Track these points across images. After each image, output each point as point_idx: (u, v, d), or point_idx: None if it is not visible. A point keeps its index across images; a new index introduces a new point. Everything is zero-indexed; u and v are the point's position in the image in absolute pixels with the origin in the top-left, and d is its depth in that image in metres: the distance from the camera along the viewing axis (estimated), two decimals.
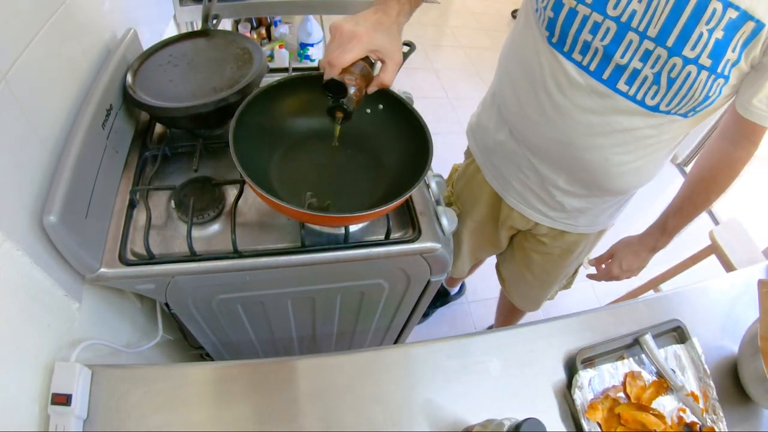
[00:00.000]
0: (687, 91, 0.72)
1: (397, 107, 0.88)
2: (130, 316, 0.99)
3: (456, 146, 2.68)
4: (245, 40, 1.01)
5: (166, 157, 0.95)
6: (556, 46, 0.80)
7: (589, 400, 0.80)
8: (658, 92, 0.75)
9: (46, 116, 0.71)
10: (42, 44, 0.68)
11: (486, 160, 1.11)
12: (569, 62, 0.79)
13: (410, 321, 1.25)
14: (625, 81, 0.76)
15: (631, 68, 0.74)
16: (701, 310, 0.96)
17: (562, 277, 1.28)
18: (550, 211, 1.05)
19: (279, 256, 0.84)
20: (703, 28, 0.67)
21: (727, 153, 0.86)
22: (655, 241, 1.04)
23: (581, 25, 0.75)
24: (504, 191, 1.09)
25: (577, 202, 1.00)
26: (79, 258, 0.73)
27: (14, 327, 0.63)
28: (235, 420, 0.72)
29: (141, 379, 0.75)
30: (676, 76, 0.71)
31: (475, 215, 1.23)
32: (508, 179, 1.06)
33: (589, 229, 1.09)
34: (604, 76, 0.77)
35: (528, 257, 1.25)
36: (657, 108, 0.77)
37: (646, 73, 0.73)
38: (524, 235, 1.21)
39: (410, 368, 0.80)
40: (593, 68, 0.77)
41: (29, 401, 0.66)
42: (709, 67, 0.69)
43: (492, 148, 1.07)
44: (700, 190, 0.93)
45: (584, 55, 0.77)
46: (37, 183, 0.68)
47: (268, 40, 2.63)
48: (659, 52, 0.71)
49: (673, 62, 0.71)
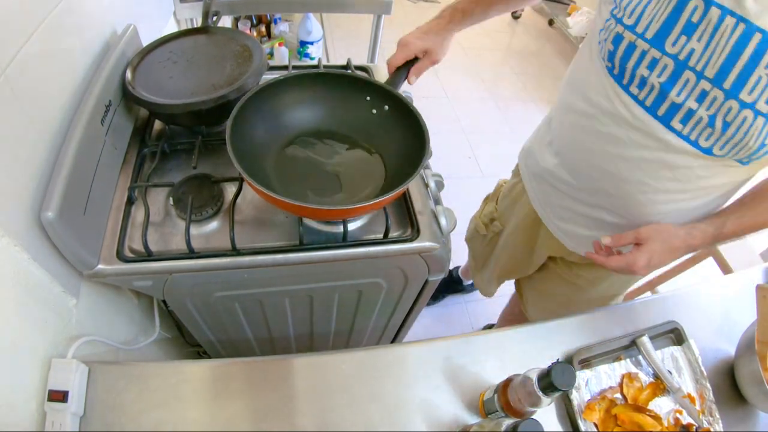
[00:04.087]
0: (742, 137, 0.69)
1: (400, 108, 0.88)
2: (127, 313, 0.99)
3: (455, 146, 2.70)
4: (245, 37, 1.01)
5: (165, 153, 0.94)
6: (616, 78, 0.79)
7: (586, 400, 0.81)
8: (712, 135, 0.72)
9: (44, 111, 0.71)
10: (41, 39, 0.68)
11: (534, 187, 1.09)
12: (627, 95, 0.78)
13: (408, 320, 1.25)
14: (679, 120, 0.73)
15: (686, 108, 0.72)
16: (698, 312, 0.97)
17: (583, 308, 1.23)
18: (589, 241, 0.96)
19: (277, 254, 0.84)
20: (762, 72, 0.64)
21: None
22: (703, 240, 0.84)
23: (639, 59, 0.74)
24: (547, 217, 1.07)
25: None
26: (77, 254, 0.73)
27: (11, 323, 0.63)
28: (232, 417, 0.72)
29: (138, 376, 0.75)
30: (731, 120, 0.68)
31: (515, 236, 1.23)
32: (554, 206, 1.04)
33: None
34: (659, 113, 0.75)
35: (553, 280, 1.22)
36: (711, 151, 0.73)
37: (701, 114, 0.70)
38: (555, 261, 1.19)
39: (407, 367, 0.80)
40: (649, 104, 0.75)
41: (26, 398, 0.66)
42: (766, 113, 0.66)
43: (540, 174, 1.05)
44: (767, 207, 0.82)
45: (641, 90, 0.76)
46: (35, 179, 0.68)
47: (268, 37, 2.63)
48: (716, 93, 0.68)
49: (729, 105, 0.68)
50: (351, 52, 2.80)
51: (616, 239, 0.86)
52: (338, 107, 0.94)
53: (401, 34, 0.96)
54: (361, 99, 0.92)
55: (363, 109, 0.93)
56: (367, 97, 0.92)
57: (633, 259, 0.82)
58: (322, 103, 0.93)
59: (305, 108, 0.93)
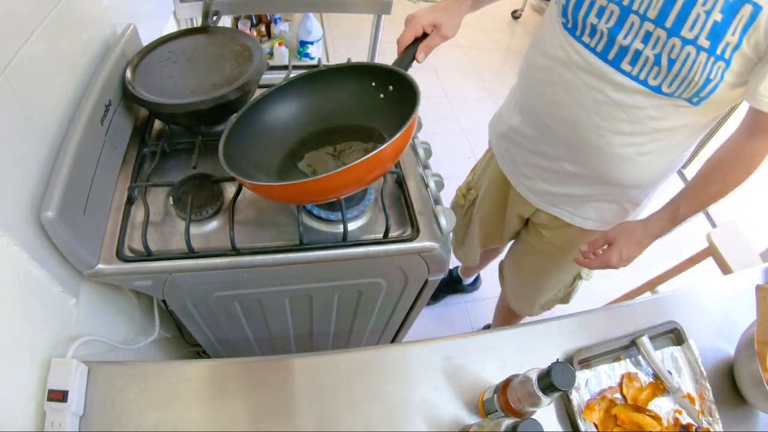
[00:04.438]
0: (687, 73, 0.74)
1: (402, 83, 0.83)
2: (127, 313, 0.99)
3: (455, 146, 2.70)
4: (245, 37, 1.01)
5: (165, 153, 0.94)
6: (570, 31, 0.86)
7: (585, 400, 0.81)
8: (659, 73, 0.77)
9: (44, 111, 0.71)
10: (41, 39, 0.68)
11: (500, 146, 1.17)
12: (580, 45, 0.85)
13: (407, 320, 1.25)
14: (628, 62, 0.80)
15: (633, 49, 0.78)
16: (698, 313, 0.97)
17: (557, 279, 1.28)
18: (555, 198, 1.06)
19: (277, 253, 0.84)
20: (700, 10, 0.70)
21: (746, 145, 0.85)
22: (662, 228, 0.96)
23: (588, 9, 0.81)
24: (513, 176, 1.14)
25: (581, 189, 1.01)
26: (77, 254, 0.73)
27: (11, 323, 0.63)
28: (231, 417, 0.72)
29: (137, 376, 0.75)
30: (675, 57, 0.74)
31: (486, 199, 1.29)
32: (518, 163, 1.10)
33: (590, 223, 1.08)
34: (610, 57, 0.81)
35: (526, 251, 1.28)
36: (660, 89, 0.79)
37: (647, 53, 0.77)
38: (527, 229, 1.25)
39: (407, 367, 0.80)
40: (600, 49, 0.82)
41: (25, 398, 0.66)
42: (708, 48, 0.71)
43: (505, 134, 1.12)
44: (717, 179, 0.89)
45: (592, 38, 0.83)
46: (35, 178, 0.68)
47: (268, 37, 2.63)
48: (659, 33, 0.75)
49: (672, 43, 0.74)
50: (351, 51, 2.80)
51: (591, 245, 1.01)
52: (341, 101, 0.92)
53: (401, 33, 0.96)
54: (367, 86, 0.90)
55: (370, 95, 0.90)
56: (372, 83, 0.89)
57: (607, 257, 0.98)
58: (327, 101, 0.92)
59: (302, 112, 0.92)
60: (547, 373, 0.61)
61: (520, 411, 0.67)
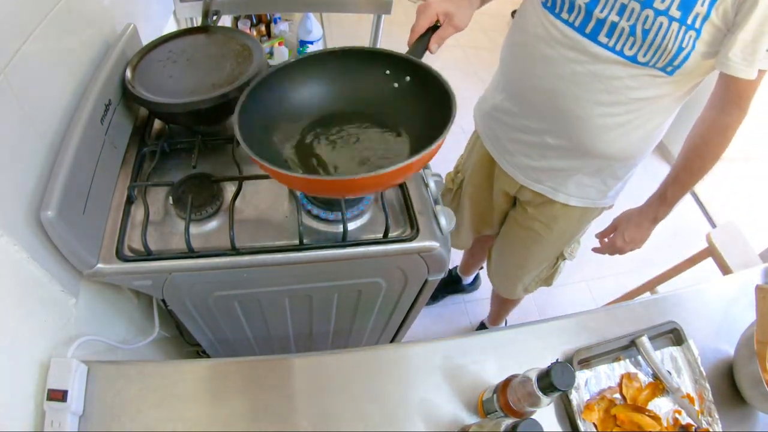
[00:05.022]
0: (660, 42, 0.79)
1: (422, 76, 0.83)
2: (126, 313, 0.99)
3: (454, 145, 2.68)
4: (245, 36, 1.01)
5: (165, 153, 0.94)
6: (549, 9, 0.91)
7: (585, 400, 0.81)
8: (635, 43, 0.82)
9: (44, 110, 0.71)
10: (41, 38, 0.68)
11: (484, 125, 1.20)
12: (558, 20, 0.89)
13: (407, 320, 1.25)
14: (605, 34, 0.85)
15: (609, 22, 0.83)
16: (698, 313, 0.97)
17: (540, 258, 1.31)
18: (538, 174, 1.09)
19: (277, 253, 0.84)
20: None
21: (718, 120, 0.90)
22: (656, 211, 1.06)
23: None
24: (497, 152, 1.17)
25: (563, 162, 1.04)
26: (77, 253, 0.73)
27: (10, 322, 0.63)
28: (231, 417, 0.72)
29: (137, 376, 0.75)
30: (649, 27, 0.79)
31: (473, 179, 1.32)
32: (502, 140, 1.14)
33: (573, 200, 1.11)
34: (587, 30, 0.86)
35: (512, 230, 1.31)
36: (635, 59, 0.84)
37: (622, 25, 0.82)
38: (514, 207, 1.29)
39: (407, 367, 0.80)
40: (578, 24, 0.87)
41: (25, 397, 0.66)
42: (679, 18, 0.77)
43: (489, 112, 1.16)
44: (695, 157, 0.96)
45: (570, 14, 0.87)
46: (34, 178, 0.68)
47: (268, 37, 2.62)
48: (633, 5, 0.80)
49: (646, 14, 0.79)
50: None
51: (601, 233, 1.19)
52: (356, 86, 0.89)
53: (401, 33, 0.95)
54: (380, 74, 0.87)
55: (383, 84, 0.87)
56: (386, 71, 0.87)
57: (614, 240, 1.14)
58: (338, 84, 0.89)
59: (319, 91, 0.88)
60: (546, 373, 0.62)
61: (520, 411, 0.68)
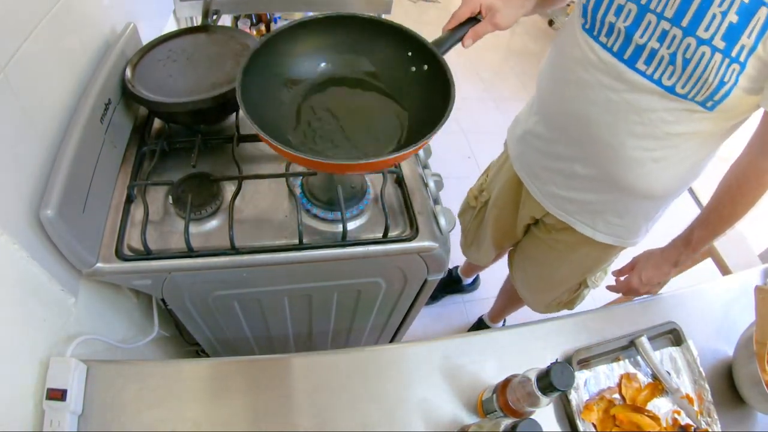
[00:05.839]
0: (701, 73, 0.73)
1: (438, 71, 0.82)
2: (126, 312, 0.99)
3: (454, 146, 2.70)
4: (245, 36, 1.01)
5: (165, 152, 0.94)
6: (588, 31, 0.86)
7: (584, 400, 0.81)
8: (674, 73, 0.77)
9: (44, 110, 0.71)
10: (41, 37, 0.68)
11: (515, 148, 1.17)
12: (597, 44, 0.85)
13: (406, 319, 1.25)
14: (643, 61, 0.80)
15: (648, 48, 0.78)
16: (697, 313, 0.97)
17: (564, 275, 1.27)
18: (567, 205, 1.06)
19: (276, 253, 0.83)
20: (716, 10, 0.69)
21: (758, 163, 0.83)
22: (678, 254, 0.97)
23: (607, 8, 0.81)
24: (528, 178, 1.13)
25: (592, 195, 1.00)
26: (76, 253, 0.73)
27: (9, 321, 0.63)
28: (230, 416, 0.72)
29: (136, 375, 0.75)
30: (690, 56, 0.73)
31: (499, 201, 1.29)
32: (533, 166, 1.10)
33: (600, 236, 1.06)
34: (625, 56, 0.81)
35: (536, 243, 1.28)
36: (673, 89, 0.78)
37: (662, 53, 0.76)
38: (537, 225, 1.25)
39: (406, 367, 0.80)
40: (616, 49, 0.82)
41: (24, 396, 0.66)
42: (723, 49, 0.70)
43: (522, 137, 1.12)
44: (727, 201, 0.88)
45: (609, 37, 0.83)
46: (34, 177, 0.68)
47: None
48: (675, 32, 0.74)
49: (688, 42, 0.73)
50: None
51: (618, 270, 1.10)
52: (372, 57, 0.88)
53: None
54: (403, 54, 0.86)
55: (401, 62, 0.86)
56: (408, 53, 0.85)
57: (630, 279, 1.05)
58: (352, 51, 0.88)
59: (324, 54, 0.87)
60: (546, 374, 0.62)
61: (519, 411, 0.68)
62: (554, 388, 0.60)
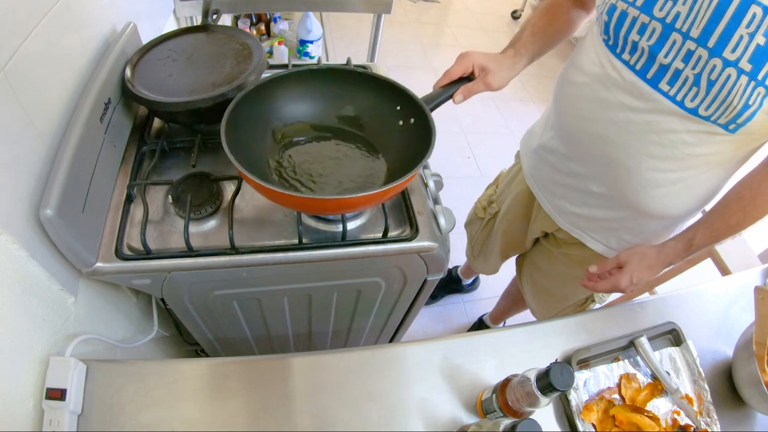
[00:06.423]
0: (726, 96, 0.71)
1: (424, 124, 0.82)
2: (125, 311, 0.99)
3: (454, 146, 2.70)
4: (245, 35, 1.01)
5: (164, 152, 0.94)
6: (611, 48, 0.84)
7: (584, 401, 0.81)
8: (698, 94, 0.74)
9: (44, 109, 0.71)
10: (41, 36, 0.68)
11: (529, 162, 1.15)
12: (619, 61, 0.82)
13: (406, 320, 1.25)
14: (667, 81, 0.77)
15: (673, 68, 0.75)
16: (696, 313, 0.97)
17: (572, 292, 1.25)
18: (579, 221, 1.04)
19: (276, 252, 0.84)
20: (744, 31, 0.67)
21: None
22: (676, 255, 0.92)
23: (630, 26, 0.79)
24: (540, 192, 1.12)
25: (605, 213, 0.98)
26: (76, 252, 0.73)
27: (9, 321, 0.63)
28: (230, 416, 0.72)
29: (136, 375, 0.75)
30: (716, 78, 0.71)
31: (510, 213, 1.28)
32: (545, 181, 1.09)
33: (612, 253, 1.04)
34: (648, 76, 0.79)
35: (546, 255, 1.27)
36: (696, 111, 0.76)
37: (687, 73, 0.74)
38: (546, 237, 1.24)
39: (406, 367, 0.80)
40: (639, 67, 0.80)
41: (23, 396, 0.66)
42: (749, 72, 0.68)
43: (536, 151, 1.10)
44: (737, 209, 0.85)
45: (632, 55, 0.80)
46: (34, 176, 0.68)
47: (268, 36, 2.63)
48: (700, 52, 0.72)
49: (714, 63, 0.71)
50: (350, 50, 2.79)
51: (601, 266, 0.96)
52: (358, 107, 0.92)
53: (401, 33, 0.96)
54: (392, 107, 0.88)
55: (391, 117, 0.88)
56: (398, 107, 0.88)
57: (617, 280, 0.92)
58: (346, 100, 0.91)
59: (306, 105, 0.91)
60: (545, 374, 0.62)
61: (519, 411, 0.68)
62: (554, 388, 0.60)
